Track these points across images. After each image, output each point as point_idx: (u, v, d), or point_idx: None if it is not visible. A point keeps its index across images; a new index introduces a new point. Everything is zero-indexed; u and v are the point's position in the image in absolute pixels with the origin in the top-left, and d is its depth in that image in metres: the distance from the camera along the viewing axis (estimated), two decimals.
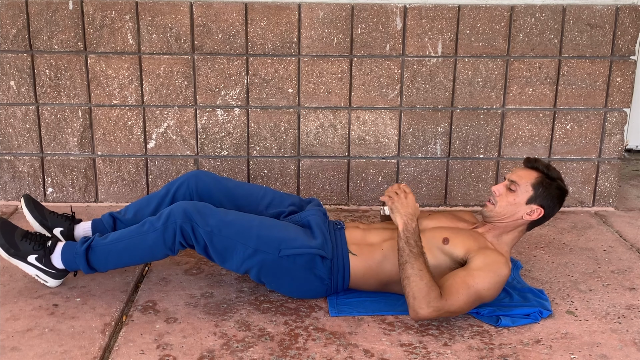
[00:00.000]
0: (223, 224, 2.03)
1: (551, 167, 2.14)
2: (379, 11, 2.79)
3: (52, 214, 2.29)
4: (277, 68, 2.84)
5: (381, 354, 1.85)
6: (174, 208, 2.04)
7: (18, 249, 2.08)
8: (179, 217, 2.01)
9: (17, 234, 2.10)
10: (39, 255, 2.08)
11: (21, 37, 2.78)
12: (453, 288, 1.93)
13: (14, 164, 2.93)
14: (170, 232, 2.01)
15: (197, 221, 2.01)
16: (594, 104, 2.93)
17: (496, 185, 2.16)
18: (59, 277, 2.15)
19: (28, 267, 2.09)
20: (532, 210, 2.10)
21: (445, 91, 2.89)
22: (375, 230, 2.22)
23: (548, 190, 2.10)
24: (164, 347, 1.85)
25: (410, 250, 1.96)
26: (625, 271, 2.42)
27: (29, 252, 2.08)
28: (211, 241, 2.01)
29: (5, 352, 1.81)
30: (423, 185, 3.01)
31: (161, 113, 2.88)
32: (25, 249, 2.08)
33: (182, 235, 2.02)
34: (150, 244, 2.04)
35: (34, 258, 2.08)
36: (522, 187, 2.10)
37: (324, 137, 2.92)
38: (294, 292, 2.14)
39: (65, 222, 2.29)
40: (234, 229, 2.03)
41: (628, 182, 3.45)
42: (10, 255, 2.08)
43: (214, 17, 2.79)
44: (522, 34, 2.84)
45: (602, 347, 1.91)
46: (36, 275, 2.11)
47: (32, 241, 2.09)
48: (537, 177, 2.11)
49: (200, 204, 2.07)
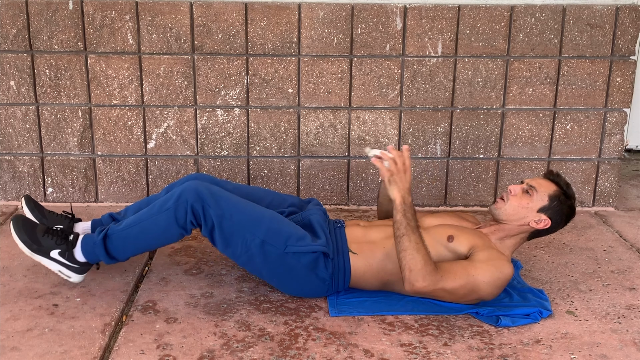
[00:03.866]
0: (235, 209, 2.03)
1: (570, 187, 2.17)
2: (379, 11, 2.79)
3: (51, 214, 2.29)
4: (277, 68, 2.84)
5: (381, 354, 1.85)
6: (186, 187, 2.04)
7: (40, 244, 2.08)
8: (191, 196, 2.01)
9: (38, 229, 2.11)
10: (62, 250, 2.08)
11: (21, 37, 2.79)
12: (452, 269, 1.97)
13: (14, 164, 2.93)
14: (181, 211, 2.01)
15: (208, 202, 2.01)
16: (594, 104, 2.93)
17: (514, 185, 2.17)
18: (82, 271, 2.14)
19: (51, 262, 2.09)
20: (541, 219, 2.11)
21: (445, 91, 2.89)
22: (376, 227, 2.22)
23: (561, 206, 2.12)
24: (164, 347, 1.86)
25: (408, 223, 1.97)
26: (625, 271, 2.42)
27: (51, 247, 2.08)
28: (220, 224, 2.01)
29: (5, 352, 1.81)
30: (423, 185, 3.01)
31: (161, 113, 2.88)
32: (47, 244, 2.08)
33: (192, 214, 2.02)
34: (163, 225, 2.04)
35: (57, 253, 2.08)
36: (539, 194, 2.12)
37: (324, 137, 2.92)
38: (293, 290, 2.14)
39: (65, 221, 2.29)
40: (245, 216, 2.04)
41: (628, 182, 3.45)
42: (33, 251, 2.08)
43: (214, 17, 2.79)
44: (522, 34, 2.84)
45: (602, 347, 1.91)
46: (59, 271, 2.11)
47: (54, 236, 2.10)
48: (555, 190, 2.13)
49: (213, 187, 2.07)
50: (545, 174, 2.22)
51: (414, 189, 2.98)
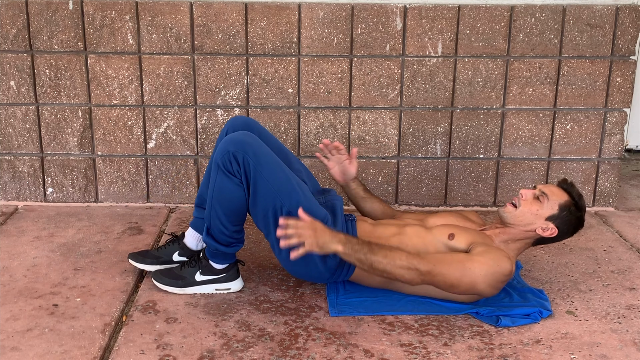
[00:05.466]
0: (272, 170, 2.02)
1: (582, 198, 2.14)
2: (379, 11, 2.79)
3: (161, 249, 2.32)
4: (277, 68, 2.84)
5: (381, 354, 1.85)
6: (228, 137, 2.02)
7: (184, 278, 2.16)
8: (231, 146, 1.99)
9: (175, 269, 2.19)
10: (202, 270, 2.15)
11: (21, 37, 2.78)
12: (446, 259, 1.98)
13: (14, 164, 2.93)
14: (226, 160, 1.99)
15: (248, 154, 1.99)
16: (594, 104, 2.93)
17: (525, 190, 2.15)
18: (232, 277, 2.18)
19: (204, 287, 2.17)
20: (548, 227, 2.09)
21: (445, 91, 2.89)
22: (383, 225, 2.23)
23: (571, 216, 2.10)
24: (164, 347, 1.85)
25: (364, 256, 1.94)
26: (625, 271, 2.42)
27: (193, 273, 2.16)
28: (255, 180, 2.00)
29: (5, 352, 1.81)
30: (423, 185, 3.01)
31: (161, 113, 2.88)
32: (188, 273, 2.16)
33: (237, 163, 1.99)
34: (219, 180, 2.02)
35: (199, 275, 2.16)
36: (550, 202, 2.10)
37: (324, 137, 2.92)
38: (298, 270, 2.14)
39: (176, 244, 2.32)
40: (280, 182, 2.02)
41: (628, 182, 3.45)
42: (181, 287, 2.17)
43: (214, 17, 2.79)
44: (522, 34, 2.84)
45: (602, 347, 1.91)
46: (216, 290, 2.18)
47: (187, 265, 2.18)
48: (567, 200, 2.11)
49: (260, 144, 2.05)
50: (559, 182, 2.18)
51: (414, 188, 2.99)
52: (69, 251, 2.47)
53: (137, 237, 2.60)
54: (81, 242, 2.55)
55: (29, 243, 2.53)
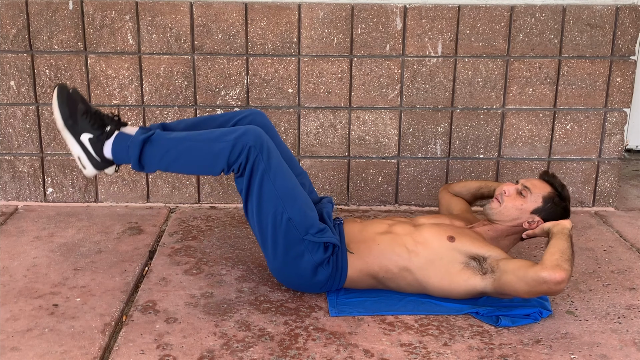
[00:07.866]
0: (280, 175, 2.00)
1: (565, 188, 2.16)
2: (379, 11, 2.79)
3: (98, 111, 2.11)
4: (277, 68, 2.84)
5: (381, 354, 1.85)
6: (251, 129, 1.99)
7: (76, 123, 1.99)
8: (251, 139, 1.96)
9: (79, 108, 2.02)
10: (93, 136, 2.00)
11: (21, 37, 2.79)
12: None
13: (14, 164, 2.93)
14: (238, 149, 1.96)
15: (263, 154, 1.97)
16: (594, 104, 2.93)
17: (507, 185, 2.17)
18: (100, 167, 2.06)
19: (75, 145, 2.01)
20: (534, 221, 2.11)
21: (445, 91, 2.89)
22: (372, 224, 2.23)
23: (555, 207, 2.12)
24: (164, 347, 1.86)
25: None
26: (625, 271, 2.42)
27: (85, 130, 2.00)
28: (261, 182, 1.98)
29: (5, 352, 1.81)
30: (423, 185, 3.00)
31: (161, 113, 2.88)
32: (83, 125, 2.00)
33: (246, 157, 1.96)
34: (216, 152, 1.97)
35: (87, 138, 2.00)
36: (533, 195, 2.12)
37: (324, 137, 2.92)
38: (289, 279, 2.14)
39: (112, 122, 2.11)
40: (285, 188, 2.01)
41: (628, 182, 3.45)
42: (66, 126, 2.00)
43: (214, 17, 2.79)
44: (522, 34, 2.84)
45: (602, 347, 1.91)
46: (78, 157, 2.04)
47: (93, 120, 2.02)
48: (550, 192, 2.13)
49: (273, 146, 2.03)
50: (540, 175, 2.21)
51: (414, 189, 2.99)
52: (69, 251, 2.47)
53: (137, 237, 2.61)
54: (81, 242, 2.55)
55: (29, 243, 2.53)
